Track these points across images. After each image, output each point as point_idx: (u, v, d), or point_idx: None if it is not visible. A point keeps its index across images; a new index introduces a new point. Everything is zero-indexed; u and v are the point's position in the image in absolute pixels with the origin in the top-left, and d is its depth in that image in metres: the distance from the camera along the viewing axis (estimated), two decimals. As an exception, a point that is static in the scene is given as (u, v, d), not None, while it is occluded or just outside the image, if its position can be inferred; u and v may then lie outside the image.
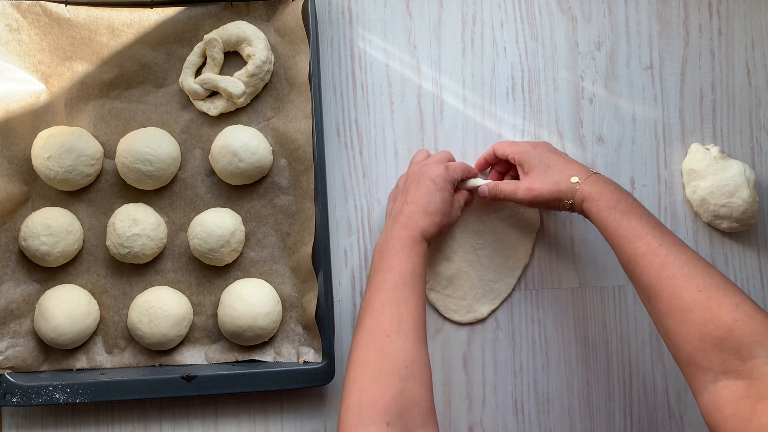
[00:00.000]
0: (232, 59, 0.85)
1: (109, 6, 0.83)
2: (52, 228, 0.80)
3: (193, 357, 0.83)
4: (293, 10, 0.82)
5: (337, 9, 0.88)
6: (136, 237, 0.80)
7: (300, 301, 0.84)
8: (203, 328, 0.84)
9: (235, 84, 0.82)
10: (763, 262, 0.88)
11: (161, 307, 0.80)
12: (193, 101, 0.84)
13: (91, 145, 0.82)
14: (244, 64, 0.84)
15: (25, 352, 0.82)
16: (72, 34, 0.83)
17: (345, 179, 0.87)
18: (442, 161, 0.81)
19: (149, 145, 0.80)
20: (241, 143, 0.80)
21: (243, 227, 0.83)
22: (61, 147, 0.80)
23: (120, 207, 0.83)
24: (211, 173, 0.85)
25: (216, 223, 0.81)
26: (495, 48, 0.88)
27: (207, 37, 0.83)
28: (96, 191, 0.84)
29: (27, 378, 0.81)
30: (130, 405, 0.84)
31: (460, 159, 0.87)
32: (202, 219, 0.82)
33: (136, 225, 0.81)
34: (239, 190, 0.84)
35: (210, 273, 0.84)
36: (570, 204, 0.76)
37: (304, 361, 0.82)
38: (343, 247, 0.87)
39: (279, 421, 0.85)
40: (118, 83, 0.84)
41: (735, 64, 0.89)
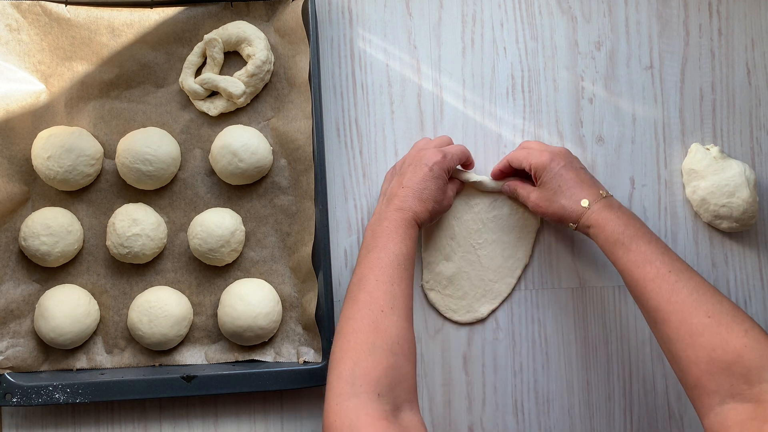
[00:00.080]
0: (232, 59, 0.85)
1: (109, 6, 0.83)
2: (52, 228, 0.80)
3: (193, 357, 0.83)
4: (293, 10, 0.82)
5: (337, 9, 0.88)
6: (136, 237, 0.80)
7: (300, 301, 0.84)
8: (203, 328, 0.84)
9: (235, 84, 0.82)
10: (763, 262, 0.88)
11: (161, 307, 0.80)
12: (193, 101, 0.84)
13: (91, 145, 0.82)
14: (244, 64, 0.84)
15: (25, 352, 0.82)
16: (72, 34, 0.83)
17: (345, 179, 0.87)
18: (441, 146, 0.82)
19: (149, 145, 0.80)
20: (241, 143, 0.80)
21: (243, 227, 0.83)
22: (61, 147, 0.80)
23: (120, 207, 0.83)
24: (211, 173, 0.85)
25: (216, 223, 0.81)
26: (495, 48, 0.88)
27: (207, 37, 0.83)
28: (96, 191, 0.84)
29: (27, 378, 0.81)
30: (130, 405, 0.84)
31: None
32: (202, 219, 0.82)
33: (136, 225, 0.81)
34: (239, 190, 0.84)
35: (210, 273, 0.84)
36: (575, 227, 0.77)
37: (304, 361, 0.82)
38: (343, 247, 0.87)
39: (279, 421, 0.85)
40: (118, 83, 0.84)
41: (735, 64, 0.89)
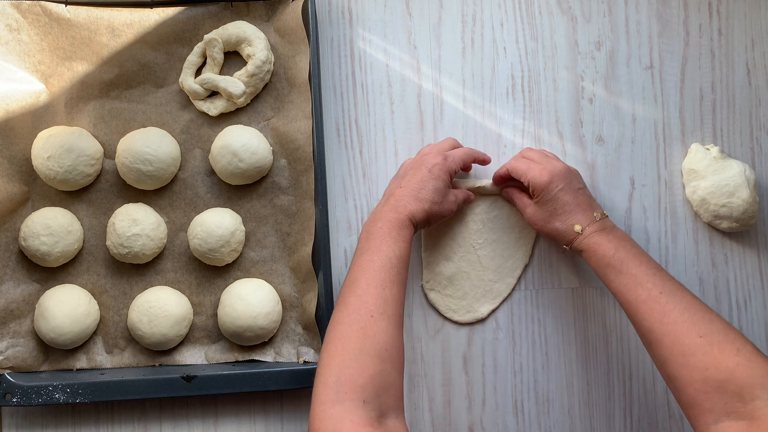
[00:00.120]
0: (232, 59, 0.85)
1: (109, 6, 0.83)
2: (52, 228, 0.80)
3: (193, 357, 0.83)
4: (293, 10, 0.82)
5: (337, 9, 0.88)
6: (136, 237, 0.80)
7: (300, 301, 0.84)
8: (203, 328, 0.84)
9: (235, 84, 0.82)
10: (763, 262, 0.88)
11: (161, 307, 0.80)
12: (193, 101, 0.84)
13: (91, 145, 0.82)
14: (244, 64, 0.84)
15: (25, 352, 0.82)
16: (72, 34, 0.83)
17: (345, 179, 0.87)
18: (444, 150, 0.82)
19: (149, 145, 0.80)
20: (241, 143, 0.80)
21: (243, 227, 0.83)
22: (61, 147, 0.80)
23: (120, 207, 0.83)
24: (211, 173, 0.85)
25: (216, 223, 0.81)
26: (495, 48, 0.88)
27: (207, 37, 0.83)
28: (96, 191, 0.84)
29: (27, 378, 0.81)
30: (130, 405, 0.84)
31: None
32: (202, 219, 0.82)
33: (136, 225, 0.81)
34: (239, 190, 0.84)
35: (210, 273, 0.84)
36: (568, 248, 0.79)
37: (304, 361, 0.82)
38: (343, 247, 0.87)
39: (279, 421, 0.85)
40: (118, 83, 0.84)
41: (735, 64, 0.89)
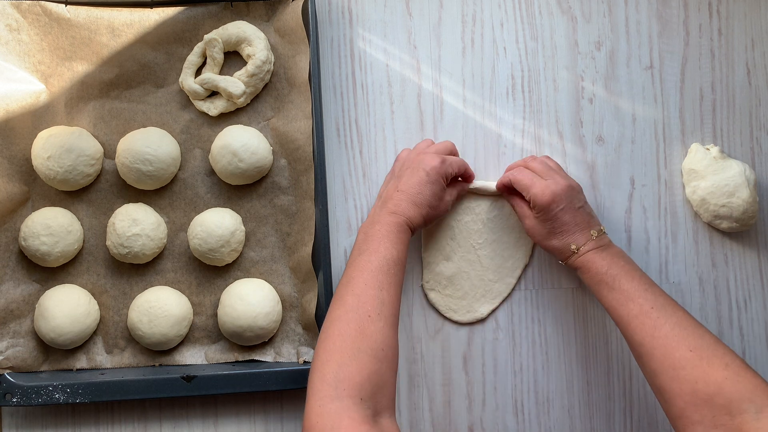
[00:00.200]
0: (232, 59, 0.85)
1: (109, 6, 0.83)
2: (52, 228, 0.80)
3: (193, 357, 0.83)
4: (293, 10, 0.82)
5: (337, 9, 0.88)
6: (136, 237, 0.80)
7: (300, 301, 0.84)
8: (203, 328, 0.84)
9: (235, 84, 0.82)
10: (763, 262, 0.88)
11: (161, 307, 0.80)
12: (193, 101, 0.84)
13: (91, 145, 0.82)
14: (244, 64, 0.84)
15: (25, 352, 0.82)
16: (72, 34, 0.83)
17: (345, 179, 0.87)
18: (441, 152, 0.82)
19: (149, 145, 0.80)
20: (241, 143, 0.80)
21: (243, 227, 0.83)
22: (61, 147, 0.80)
23: (120, 207, 0.83)
24: (211, 173, 0.85)
25: (216, 223, 0.81)
26: (495, 48, 0.88)
27: (207, 37, 0.83)
28: (96, 191, 0.84)
29: (27, 378, 0.81)
30: (130, 405, 0.84)
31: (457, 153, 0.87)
32: (202, 219, 0.82)
33: (136, 225, 0.81)
34: (239, 190, 0.84)
35: (210, 273, 0.84)
36: (563, 263, 0.80)
37: (304, 361, 0.82)
38: (343, 247, 0.87)
39: (279, 421, 0.85)
40: (118, 83, 0.84)
41: (735, 64, 0.89)
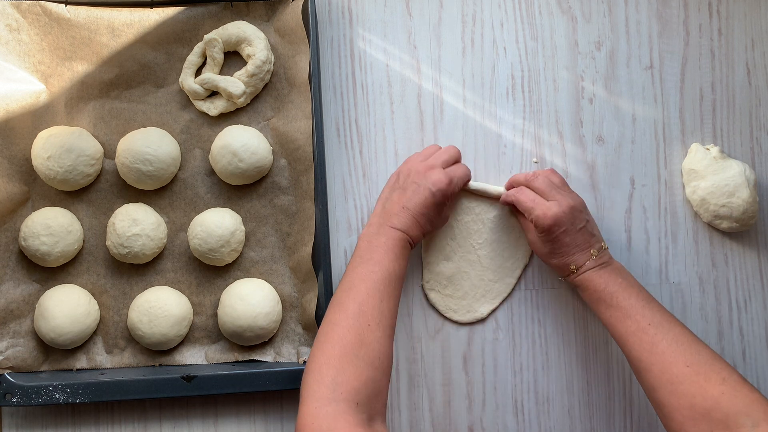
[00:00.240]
0: (232, 59, 0.85)
1: (109, 6, 0.83)
2: (52, 228, 0.80)
3: (193, 357, 0.83)
4: (293, 10, 0.82)
5: (337, 9, 0.88)
6: (136, 237, 0.80)
7: (300, 301, 0.84)
8: (203, 328, 0.84)
9: (235, 84, 0.82)
10: (763, 262, 0.88)
11: (161, 307, 0.80)
12: (193, 101, 0.84)
13: (91, 145, 0.82)
14: (244, 64, 0.84)
15: (25, 352, 0.82)
16: (72, 34, 0.83)
17: (345, 179, 0.87)
18: (449, 162, 0.81)
19: (149, 145, 0.80)
20: (241, 143, 0.80)
21: (243, 227, 0.83)
22: (61, 147, 0.80)
23: (120, 207, 0.83)
24: (211, 173, 0.85)
25: (216, 223, 0.81)
26: (495, 48, 0.88)
27: (207, 37, 0.83)
28: (96, 191, 0.84)
29: (27, 378, 0.81)
30: (130, 405, 0.84)
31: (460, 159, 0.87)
32: (202, 219, 0.82)
33: (136, 225, 0.81)
34: (239, 190, 0.84)
35: (210, 273, 0.84)
36: (561, 279, 0.82)
37: (304, 361, 0.82)
38: (343, 247, 0.87)
39: (279, 421, 0.85)
40: (118, 83, 0.84)
41: (735, 64, 0.89)
